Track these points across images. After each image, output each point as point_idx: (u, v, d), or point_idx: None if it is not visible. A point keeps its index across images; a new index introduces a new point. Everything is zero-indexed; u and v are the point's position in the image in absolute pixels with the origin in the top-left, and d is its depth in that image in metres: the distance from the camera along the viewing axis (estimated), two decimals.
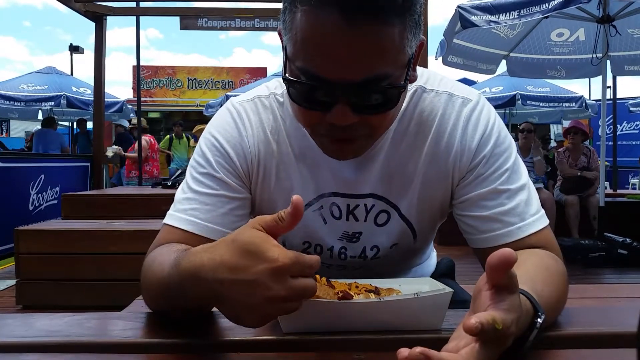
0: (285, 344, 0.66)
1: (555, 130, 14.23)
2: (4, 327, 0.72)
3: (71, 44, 15.84)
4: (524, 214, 0.84)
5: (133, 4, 6.53)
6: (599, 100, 5.57)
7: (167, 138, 9.88)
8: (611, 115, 8.82)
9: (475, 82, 11.28)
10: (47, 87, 9.88)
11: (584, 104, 9.68)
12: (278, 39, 0.78)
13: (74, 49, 15.87)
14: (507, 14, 4.36)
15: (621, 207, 5.72)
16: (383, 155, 0.89)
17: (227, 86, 17.08)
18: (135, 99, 7.97)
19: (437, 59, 5.63)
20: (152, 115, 16.66)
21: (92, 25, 6.19)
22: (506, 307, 0.53)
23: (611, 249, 4.72)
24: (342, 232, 0.95)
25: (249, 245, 0.56)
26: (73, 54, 15.86)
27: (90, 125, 8.61)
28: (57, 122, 9.68)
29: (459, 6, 4.56)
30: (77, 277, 3.18)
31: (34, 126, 12.61)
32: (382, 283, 0.75)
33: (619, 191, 7.30)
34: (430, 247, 1.16)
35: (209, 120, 1.03)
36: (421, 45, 0.76)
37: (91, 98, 7.49)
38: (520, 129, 5.84)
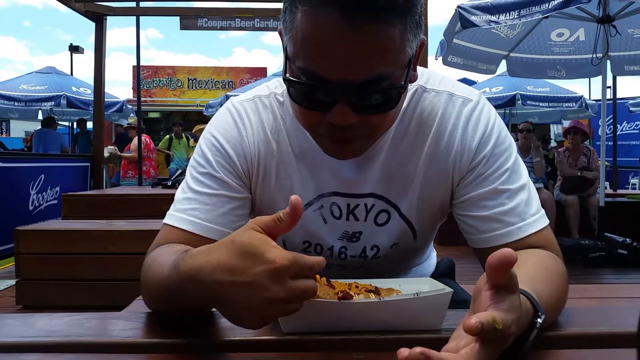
0: (285, 344, 0.66)
1: (555, 130, 14.24)
2: (4, 327, 0.72)
3: (71, 44, 15.86)
4: (524, 214, 0.84)
5: (133, 4, 6.53)
6: (599, 100, 5.58)
7: (166, 138, 9.87)
8: (611, 115, 8.82)
9: (475, 82, 11.28)
10: (47, 87, 9.89)
11: (584, 104, 9.69)
12: (278, 39, 0.78)
13: (74, 49, 15.88)
14: (507, 14, 4.36)
15: (621, 207, 5.72)
16: (383, 155, 0.89)
17: (227, 86, 17.08)
18: (135, 99, 7.97)
19: (437, 59, 5.63)
20: (152, 115, 16.67)
21: (92, 25, 6.18)
22: (506, 307, 0.53)
23: (611, 249, 4.72)
24: (342, 232, 0.95)
25: (248, 247, 0.56)
26: (73, 54, 15.87)
27: (90, 125, 8.61)
28: (57, 122, 9.68)
29: (459, 6, 4.56)
30: (77, 277, 3.18)
31: (34, 126, 12.61)
32: (382, 283, 0.75)
33: (619, 191, 7.31)
34: (430, 247, 1.16)
35: (208, 120, 1.03)
36: (422, 45, 0.76)
37: (91, 98, 7.49)
38: (519, 129, 5.84)
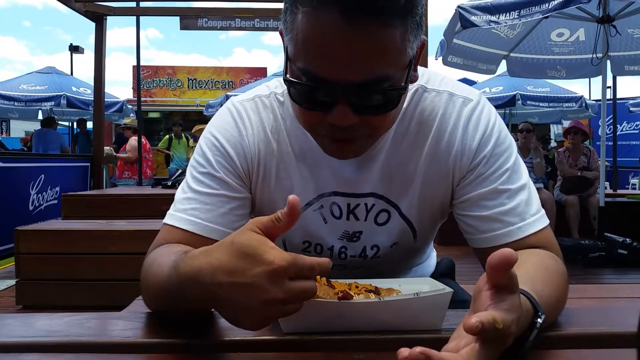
0: (285, 344, 0.66)
1: (555, 130, 14.23)
2: (4, 327, 0.72)
3: (71, 44, 15.86)
4: (524, 213, 0.84)
5: (133, 4, 6.54)
6: (599, 100, 5.58)
7: (166, 138, 9.86)
8: (611, 115, 8.82)
9: (475, 82, 11.28)
10: (47, 87, 9.89)
11: (584, 104, 9.69)
12: (278, 39, 0.78)
13: (74, 49, 15.88)
14: (507, 14, 4.36)
15: (621, 207, 5.72)
16: (384, 155, 0.89)
17: (227, 86, 17.07)
18: (135, 99, 7.97)
19: (437, 59, 5.63)
20: (152, 115, 16.64)
21: (92, 25, 6.19)
22: (506, 307, 0.53)
23: (611, 249, 4.72)
24: (342, 232, 0.95)
25: (246, 248, 0.55)
26: (73, 54, 15.87)
27: (90, 125, 8.61)
28: (56, 122, 9.68)
29: (459, 6, 4.56)
30: (77, 277, 3.18)
31: (34, 126, 12.60)
32: (382, 283, 0.75)
33: (619, 191, 7.31)
34: (430, 247, 1.16)
35: (208, 120, 1.03)
36: (422, 46, 0.76)
37: (91, 98, 7.50)
38: (519, 129, 5.84)
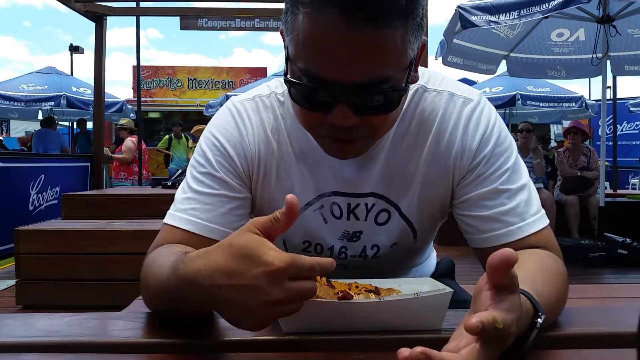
0: (285, 344, 0.66)
1: (555, 130, 14.24)
2: (4, 327, 0.72)
3: (71, 44, 15.87)
4: (524, 213, 0.84)
5: (133, 4, 6.54)
6: (599, 100, 5.58)
7: (166, 138, 9.84)
8: (611, 115, 8.83)
9: (475, 82, 11.28)
10: (47, 87, 9.89)
11: (584, 104, 9.69)
12: (278, 39, 0.79)
13: (74, 49, 15.89)
14: (507, 14, 4.36)
15: (621, 207, 5.73)
16: (384, 155, 0.89)
17: (227, 86, 17.07)
18: (135, 99, 7.96)
19: (437, 59, 5.64)
20: (152, 115, 16.63)
21: (92, 25, 6.18)
22: (507, 307, 0.53)
23: (611, 249, 4.73)
24: (342, 232, 0.95)
25: (245, 250, 0.55)
26: (73, 54, 15.88)
27: (90, 125, 8.60)
28: (56, 122, 9.67)
29: (459, 6, 4.56)
30: (77, 277, 3.18)
31: (34, 126, 12.60)
32: (382, 283, 0.75)
33: (619, 191, 7.32)
34: (430, 247, 1.16)
35: (208, 120, 1.03)
36: (423, 46, 0.75)
37: (91, 98, 7.49)
38: (519, 129, 5.84)
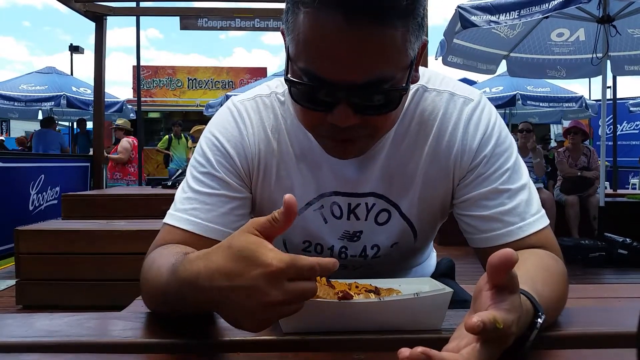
0: (285, 344, 0.66)
1: (555, 130, 14.24)
2: (4, 327, 0.72)
3: (71, 44, 15.89)
4: (524, 213, 0.84)
5: (133, 4, 6.55)
6: (599, 100, 5.58)
7: (165, 138, 9.84)
8: (611, 115, 8.84)
9: (475, 82, 11.28)
10: (47, 87, 9.89)
11: (584, 104, 9.69)
12: (278, 39, 0.80)
13: (74, 49, 15.91)
14: (507, 14, 4.36)
15: (621, 207, 5.73)
16: (384, 154, 0.89)
17: (227, 86, 17.08)
18: (135, 99, 7.96)
19: (437, 59, 5.64)
20: (152, 115, 16.64)
21: (92, 25, 6.19)
22: (507, 307, 0.53)
23: (611, 249, 4.73)
24: (342, 232, 0.95)
25: (244, 251, 0.55)
26: (73, 54, 15.89)
27: (90, 125, 8.60)
28: (56, 122, 9.67)
29: (459, 6, 4.56)
30: (77, 277, 3.18)
31: (34, 126, 12.61)
32: (382, 283, 0.75)
33: (619, 191, 7.32)
34: (430, 247, 1.16)
35: (208, 120, 1.03)
36: (423, 46, 0.75)
37: (91, 98, 7.50)
38: (519, 129, 5.84)
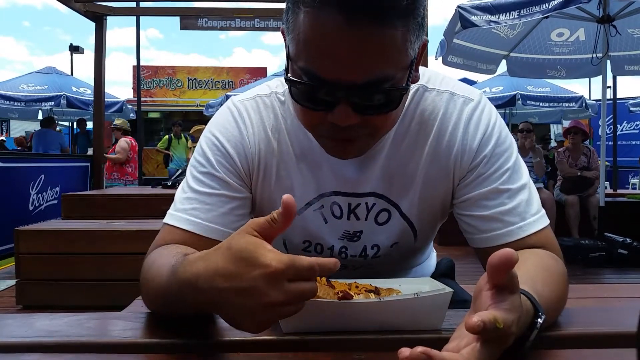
0: (285, 344, 0.66)
1: (555, 130, 14.24)
2: (4, 327, 0.72)
3: (71, 44, 15.91)
4: (524, 213, 0.84)
5: (133, 4, 6.55)
6: (599, 100, 5.58)
7: (165, 138, 9.84)
8: (611, 115, 8.84)
9: (475, 82, 11.28)
10: (47, 87, 9.90)
11: (584, 104, 9.69)
12: (278, 39, 0.80)
13: (74, 49, 15.92)
14: (507, 14, 4.36)
15: (621, 207, 5.73)
16: (384, 154, 0.89)
17: (227, 86, 17.09)
18: (135, 99, 7.97)
19: (437, 59, 5.64)
20: (152, 115, 16.65)
21: (92, 25, 6.19)
22: (507, 306, 0.53)
23: (611, 249, 4.73)
24: (342, 231, 0.95)
25: (243, 252, 0.55)
26: (73, 54, 15.90)
27: (90, 125, 8.60)
28: (56, 122, 9.67)
29: (459, 6, 4.56)
30: (77, 277, 3.18)
31: (34, 126, 12.61)
32: (382, 283, 0.75)
33: (619, 191, 7.33)
34: (430, 247, 1.16)
35: (208, 120, 1.03)
36: (424, 46, 0.75)
37: (91, 98, 7.50)
38: (519, 129, 5.84)
